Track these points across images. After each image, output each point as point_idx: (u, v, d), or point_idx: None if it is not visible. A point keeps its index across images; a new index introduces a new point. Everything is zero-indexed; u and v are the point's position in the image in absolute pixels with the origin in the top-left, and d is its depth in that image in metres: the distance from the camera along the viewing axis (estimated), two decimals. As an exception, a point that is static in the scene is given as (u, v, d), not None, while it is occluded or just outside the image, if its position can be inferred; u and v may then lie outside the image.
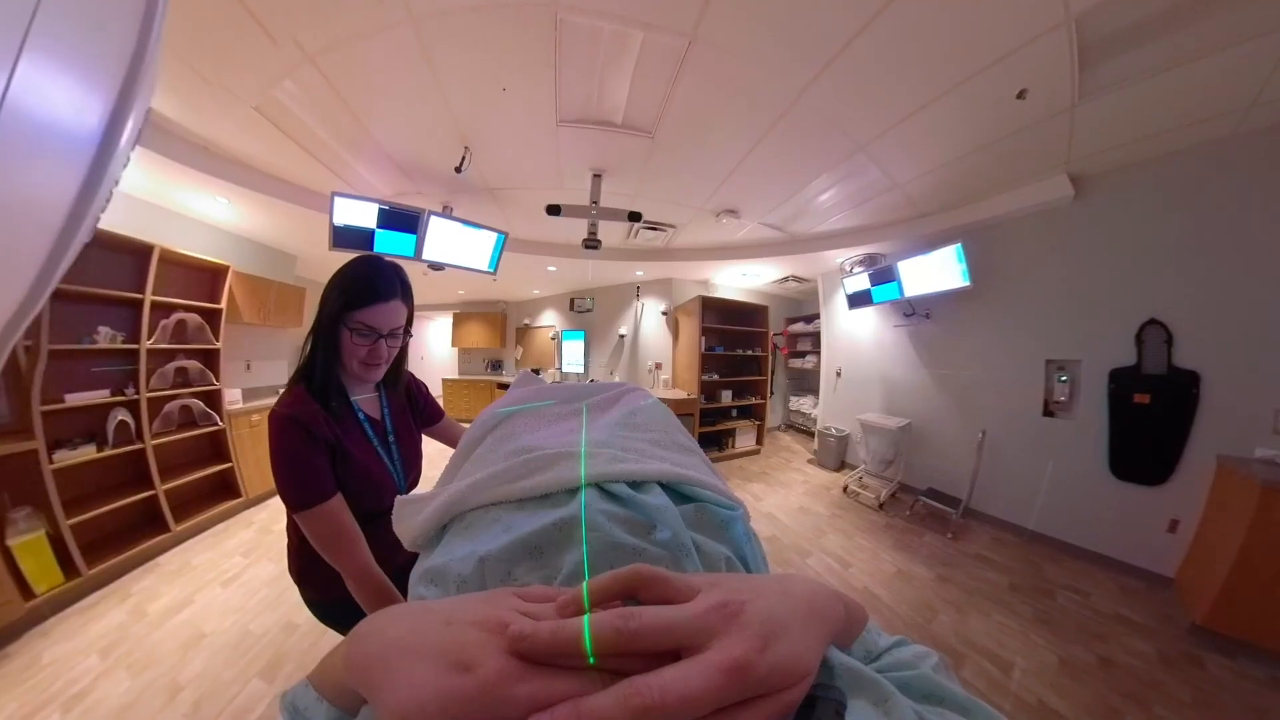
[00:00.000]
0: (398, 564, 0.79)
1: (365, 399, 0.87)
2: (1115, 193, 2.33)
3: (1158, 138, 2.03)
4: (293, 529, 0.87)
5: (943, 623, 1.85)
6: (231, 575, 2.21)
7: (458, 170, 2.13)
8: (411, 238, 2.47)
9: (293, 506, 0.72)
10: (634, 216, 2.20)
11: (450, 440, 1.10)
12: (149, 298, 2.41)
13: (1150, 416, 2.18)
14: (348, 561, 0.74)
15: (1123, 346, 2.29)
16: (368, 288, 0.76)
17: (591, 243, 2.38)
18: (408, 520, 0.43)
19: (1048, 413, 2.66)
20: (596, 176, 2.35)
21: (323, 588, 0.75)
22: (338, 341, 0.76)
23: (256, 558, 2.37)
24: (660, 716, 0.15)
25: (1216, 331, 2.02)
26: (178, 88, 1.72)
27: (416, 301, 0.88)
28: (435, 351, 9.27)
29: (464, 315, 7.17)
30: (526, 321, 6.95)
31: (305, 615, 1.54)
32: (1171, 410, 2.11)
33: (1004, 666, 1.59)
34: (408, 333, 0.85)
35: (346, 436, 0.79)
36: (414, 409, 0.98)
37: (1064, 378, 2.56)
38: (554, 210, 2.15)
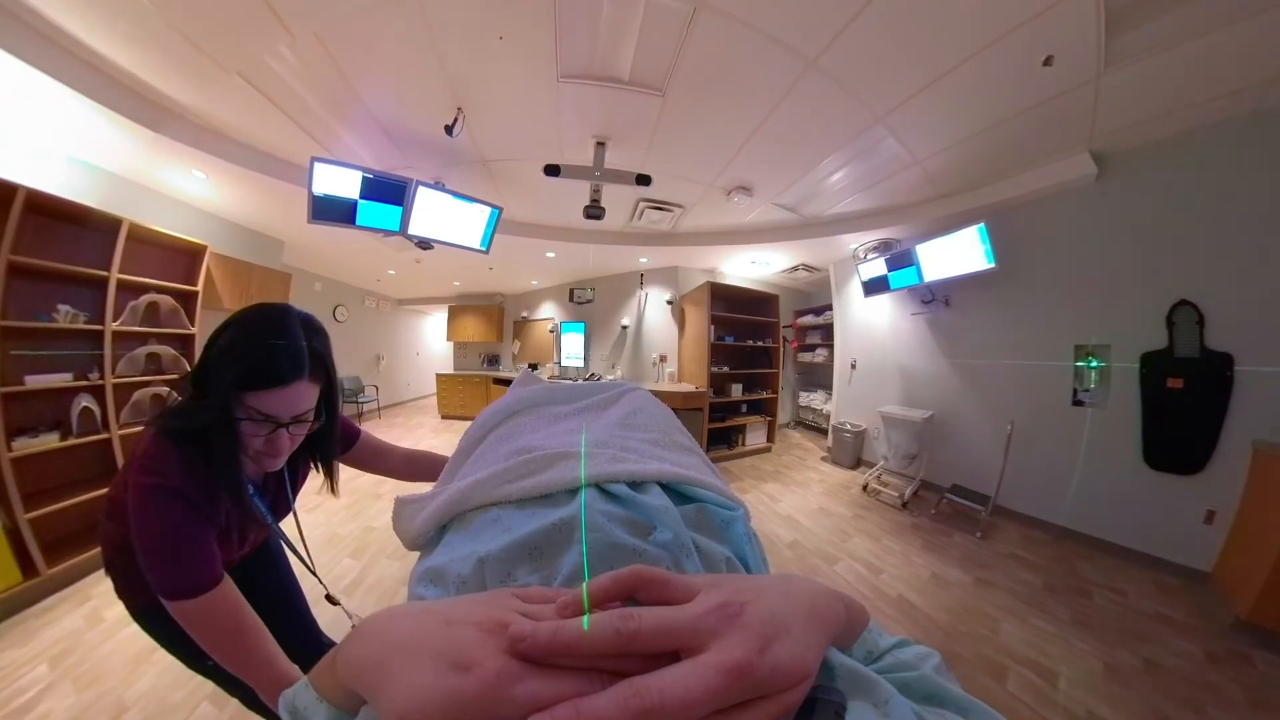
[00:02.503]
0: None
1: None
2: (1138, 172, 2.25)
3: (1181, 113, 1.97)
4: (112, 512, 0.69)
5: (985, 630, 1.72)
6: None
7: (449, 131, 1.95)
8: (397, 210, 2.30)
9: (170, 593, 0.56)
10: (642, 179, 2.02)
11: (371, 465, 0.93)
12: (115, 275, 2.24)
13: (1184, 401, 2.10)
14: (254, 664, 0.60)
15: (1153, 329, 2.22)
16: (261, 367, 0.59)
17: (594, 211, 2.20)
18: (407, 521, 0.42)
19: (1077, 402, 2.54)
20: (600, 144, 2.17)
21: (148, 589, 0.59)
22: (232, 423, 0.60)
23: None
24: (660, 717, 0.15)
25: (1249, 311, 1.94)
26: (153, 47, 1.60)
27: (411, 294, 0.74)
28: (431, 346, 9.11)
29: (460, 308, 7.00)
30: (525, 314, 6.78)
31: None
32: (1205, 394, 2.03)
33: (1048, 676, 1.48)
34: (327, 412, 0.69)
35: (232, 509, 0.67)
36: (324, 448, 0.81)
37: (1093, 363, 2.45)
38: (553, 170, 1.98)
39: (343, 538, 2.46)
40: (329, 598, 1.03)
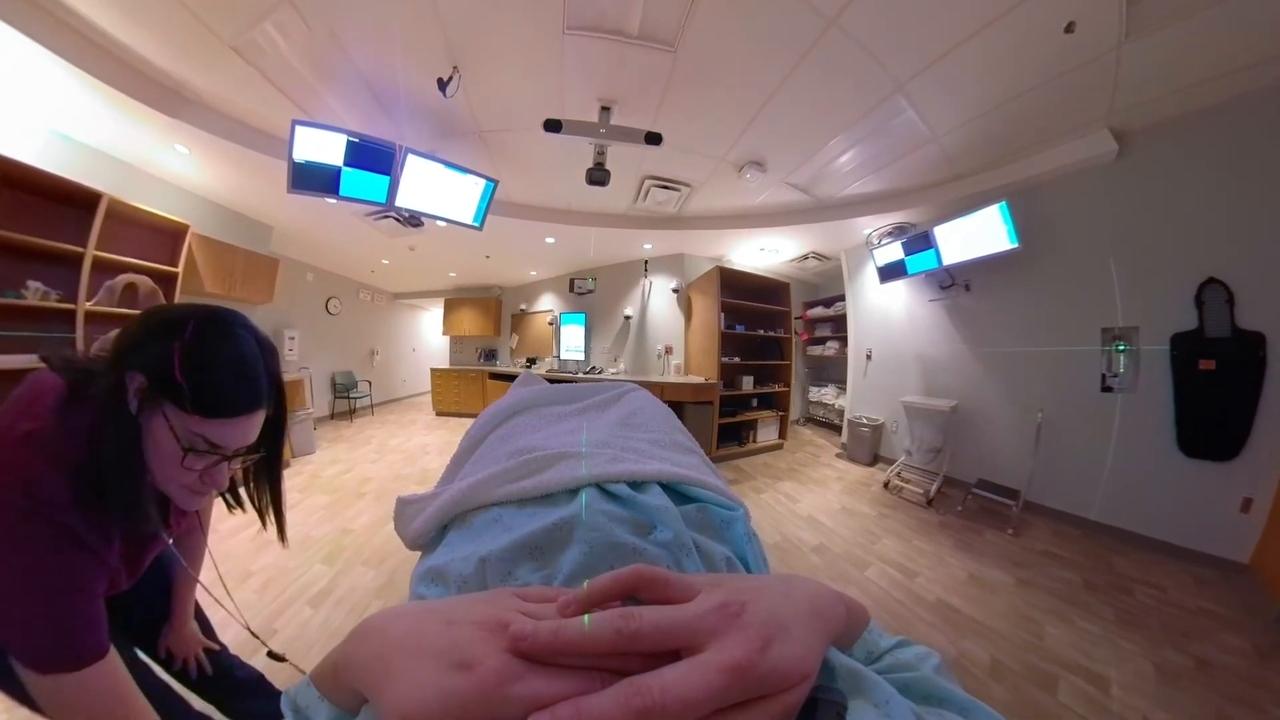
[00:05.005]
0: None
1: None
2: (1158, 149, 2.20)
3: (1201, 86, 1.92)
4: None
5: (1030, 635, 1.58)
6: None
7: (442, 89, 1.81)
8: (384, 179, 2.14)
9: (42, 664, 0.43)
10: (653, 138, 1.87)
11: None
12: (91, 252, 2.11)
13: (1217, 384, 2.01)
14: None
15: (1183, 309, 2.11)
16: (225, 393, 0.48)
17: (598, 174, 2.06)
18: (408, 521, 0.43)
19: (1106, 388, 2.41)
20: (605, 109, 2.03)
21: None
22: (155, 446, 0.47)
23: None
24: (660, 717, 0.15)
25: (1279, 288, 1.86)
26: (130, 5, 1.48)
27: (404, 288, 0.61)
28: (429, 343, 8.97)
29: (456, 301, 6.85)
30: (523, 307, 6.64)
31: (234, 631, 1.11)
32: (1239, 376, 1.95)
33: (1100, 683, 1.36)
34: (271, 443, 0.57)
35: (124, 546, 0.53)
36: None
37: (1122, 347, 2.34)
38: (554, 126, 1.83)
39: (316, 540, 2.25)
40: (272, 654, 0.84)
